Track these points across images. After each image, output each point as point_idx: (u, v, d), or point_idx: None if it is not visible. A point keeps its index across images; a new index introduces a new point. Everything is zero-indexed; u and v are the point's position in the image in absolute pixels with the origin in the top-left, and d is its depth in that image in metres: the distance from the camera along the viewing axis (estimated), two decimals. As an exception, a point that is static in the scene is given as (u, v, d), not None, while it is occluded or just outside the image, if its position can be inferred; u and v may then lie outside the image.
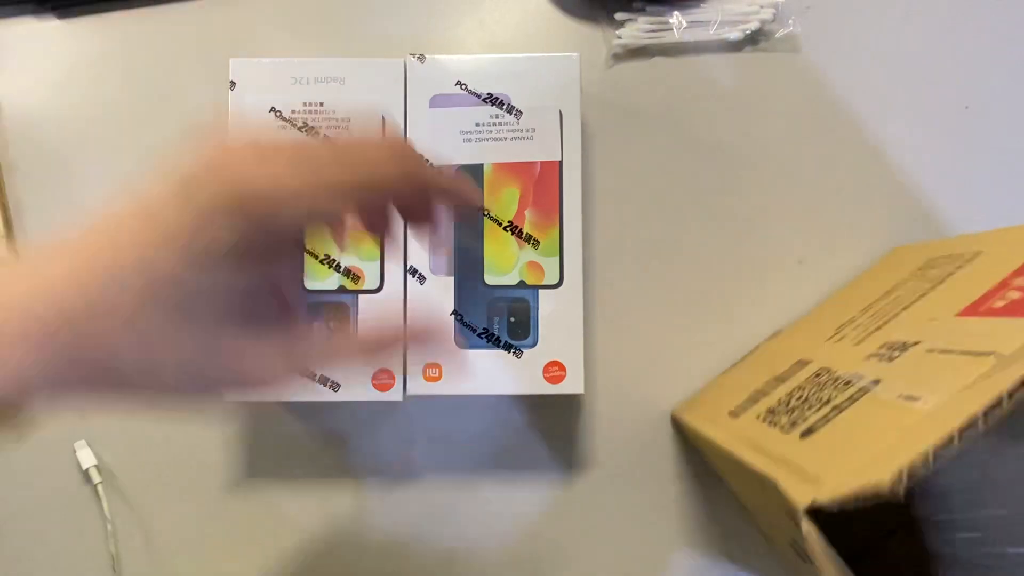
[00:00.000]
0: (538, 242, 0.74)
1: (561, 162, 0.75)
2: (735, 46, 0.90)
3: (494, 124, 0.75)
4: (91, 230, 0.42)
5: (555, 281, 0.74)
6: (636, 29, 0.89)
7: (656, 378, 0.86)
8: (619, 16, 0.89)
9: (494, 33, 0.91)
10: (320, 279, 0.74)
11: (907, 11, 0.90)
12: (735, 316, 0.88)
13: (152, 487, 0.87)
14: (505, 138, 0.75)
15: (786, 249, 0.88)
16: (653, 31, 0.89)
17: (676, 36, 0.89)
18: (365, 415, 0.88)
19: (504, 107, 0.75)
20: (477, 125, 0.75)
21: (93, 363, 0.41)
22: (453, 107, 0.75)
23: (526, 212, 0.74)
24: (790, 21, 0.89)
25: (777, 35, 0.90)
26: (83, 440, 0.85)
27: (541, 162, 0.75)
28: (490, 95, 0.75)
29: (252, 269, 0.43)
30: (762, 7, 0.89)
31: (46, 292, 0.40)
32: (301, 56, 0.79)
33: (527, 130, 0.75)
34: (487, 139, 0.75)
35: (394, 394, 0.74)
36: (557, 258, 0.74)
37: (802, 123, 0.89)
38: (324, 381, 0.74)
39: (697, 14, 0.89)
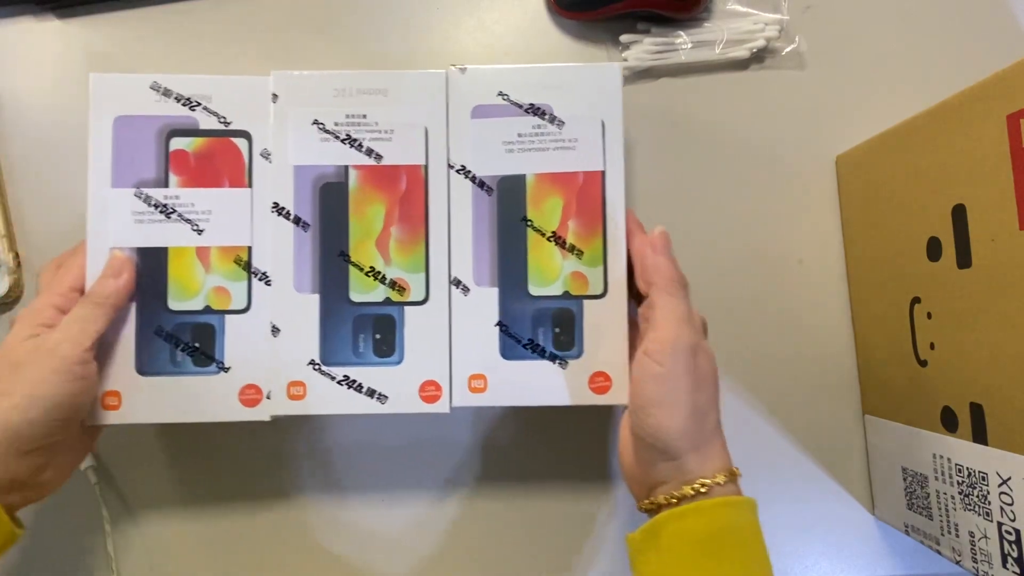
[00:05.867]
0: (581, 252, 0.74)
1: (604, 172, 0.75)
2: (741, 64, 0.92)
3: (536, 134, 0.75)
4: None
5: (599, 291, 0.75)
6: (642, 51, 0.90)
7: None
8: (624, 39, 0.90)
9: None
10: (366, 291, 0.74)
11: (908, 17, 0.93)
12: (734, 316, 0.90)
13: (150, 488, 0.87)
14: (548, 148, 0.75)
15: (786, 249, 0.90)
16: (659, 52, 0.90)
17: (682, 57, 0.90)
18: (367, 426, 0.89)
19: (546, 117, 0.75)
20: (519, 135, 0.75)
21: None
22: (495, 117, 0.75)
23: (569, 222, 0.75)
24: (796, 38, 0.91)
25: (783, 52, 0.91)
26: (82, 442, 0.84)
27: (584, 172, 0.75)
28: (532, 105, 0.75)
29: None
30: (767, 25, 0.90)
31: None
32: (282, 56, 0.82)
33: (569, 140, 0.75)
34: (529, 149, 0.75)
35: (441, 406, 0.74)
36: (601, 268, 0.75)
37: (805, 133, 0.92)
38: (371, 393, 0.74)
39: (702, 34, 0.90)
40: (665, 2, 0.89)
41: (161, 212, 0.75)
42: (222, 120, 0.76)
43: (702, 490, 0.64)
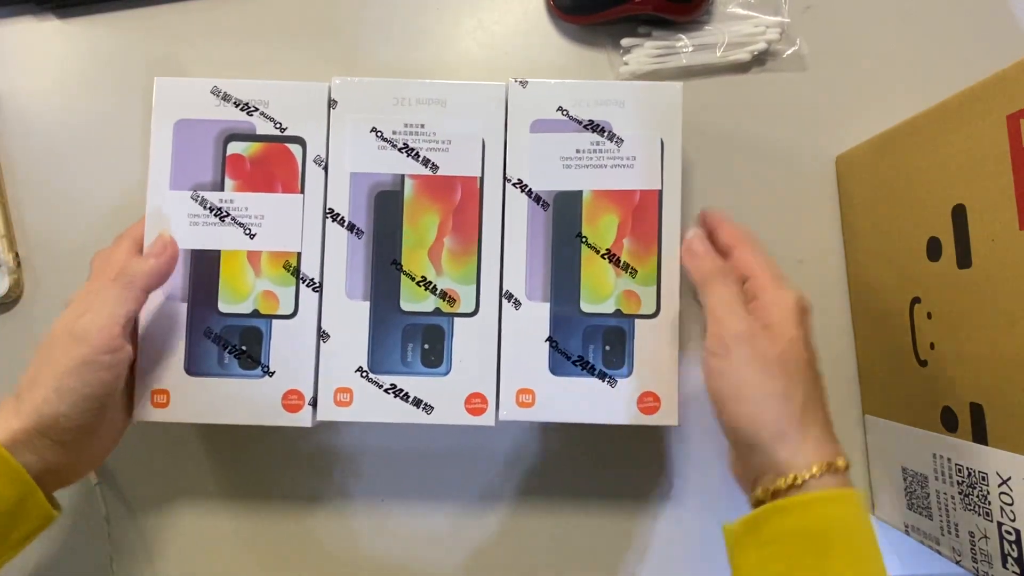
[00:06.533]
0: (635, 271, 0.74)
1: (661, 191, 0.75)
2: (742, 67, 0.91)
3: (594, 151, 0.74)
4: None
5: (652, 311, 0.74)
6: (643, 55, 0.89)
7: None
8: (625, 42, 0.89)
9: (502, 69, 0.91)
10: (417, 301, 0.74)
11: (908, 17, 0.93)
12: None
13: (150, 489, 0.86)
14: (605, 165, 0.74)
15: (786, 249, 0.90)
16: (660, 56, 0.89)
17: (683, 61, 0.89)
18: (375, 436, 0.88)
19: (605, 134, 0.74)
20: (578, 151, 0.74)
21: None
22: (554, 132, 0.75)
23: (624, 240, 0.74)
24: (797, 40, 0.91)
25: (784, 55, 0.91)
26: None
27: (641, 190, 0.74)
28: (591, 121, 0.74)
29: None
30: (768, 28, 0.90)
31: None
32: (278, 58, 0.85)
33: (628, 158, 0.74)
34: (587, 165, 0.74)
35: (487, 419, 0.74)
36: (654, 288, 0.74)
37: (805, 133, 0.92)
38: (418, 403, 0.73)
39: (703, 37, 0.90)
40: (666, 5, 0.88)
41: (216, 215, 0.75)
42: (278, 125, 0.75)
43: (797, 483, 0.61)
